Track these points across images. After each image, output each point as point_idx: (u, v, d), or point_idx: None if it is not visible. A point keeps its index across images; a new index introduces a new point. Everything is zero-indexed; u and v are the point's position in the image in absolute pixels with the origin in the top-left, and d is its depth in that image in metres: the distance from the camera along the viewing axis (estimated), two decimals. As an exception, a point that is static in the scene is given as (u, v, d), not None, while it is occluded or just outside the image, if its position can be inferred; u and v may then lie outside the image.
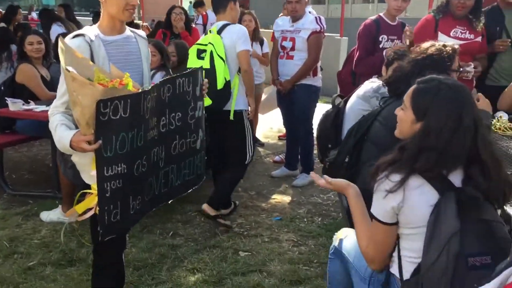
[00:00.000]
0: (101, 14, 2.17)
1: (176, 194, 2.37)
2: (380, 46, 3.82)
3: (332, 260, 2.15)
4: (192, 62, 3.53)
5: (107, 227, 1.92)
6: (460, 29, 3.61)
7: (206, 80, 2.37)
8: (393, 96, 2.54)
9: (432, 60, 2.38)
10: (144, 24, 12.94)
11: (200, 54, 3.52)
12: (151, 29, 8.27)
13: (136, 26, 10.57)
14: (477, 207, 1.58)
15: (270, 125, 6.70)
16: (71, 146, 1.93)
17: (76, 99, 1.82)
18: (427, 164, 1.58)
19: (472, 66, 3.38)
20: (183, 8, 5.68)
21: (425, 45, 2.49)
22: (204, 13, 6.16)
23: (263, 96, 5.65)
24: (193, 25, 5.84)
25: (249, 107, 3.71)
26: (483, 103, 2.55)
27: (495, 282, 1.23)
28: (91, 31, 2.11)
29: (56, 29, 6.60)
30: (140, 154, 1.98)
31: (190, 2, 20.11)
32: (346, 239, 2.09)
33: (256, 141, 5.90)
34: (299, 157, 4.77)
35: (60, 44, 1.91)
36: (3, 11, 14.55)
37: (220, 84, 3.42)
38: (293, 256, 3.23)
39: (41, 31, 5.73)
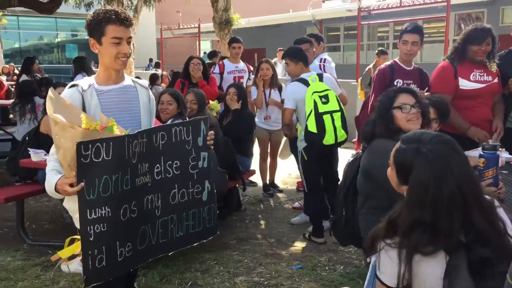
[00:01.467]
0: (83, 63, 2.28)
1: (179, 246, 2.31)
2: None
3: None
4: (322, 107, 3.97)
5: (91, 272, 1.90)
6: (478, 72, 3.64)
7: (212, 131, 2.37)
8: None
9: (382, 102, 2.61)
10: (164, 73, 13.32)
11: (321, 99, 3.97)
12: (170, 79, 8.50)
13: (156, 77, 10.87)
14: (490, 267, 1.46)
15: (288, 171, 6.68)
16: (56, 189, 1.98)
17: (59, 142, 1.88)
18: (422, 240, 1.47)
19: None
20: (200, 59, 5.83)
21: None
22: (221, 63, 6.30)
23: (282, 142, 5.70)
24: (211, 74, 5.96)
25: None
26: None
27: None
28: (85, 81, 2.20)
29: (79, 79, 6.81)
30: (127, 198, 1.97)
31: (205, 53, 20.71)
32: None
33: (275, 187, 5.90)
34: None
35: (49, 93, 1.98)
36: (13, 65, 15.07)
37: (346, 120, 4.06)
38: (315, 306, 3.13)
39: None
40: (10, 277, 3.53)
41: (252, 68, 6.34)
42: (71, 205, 2.13)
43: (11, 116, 6.50)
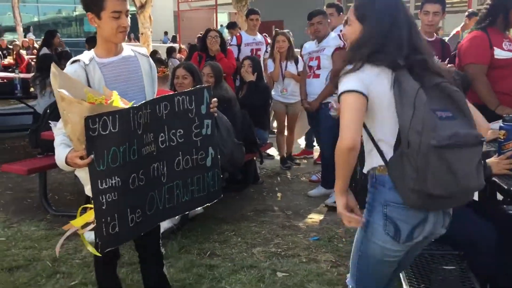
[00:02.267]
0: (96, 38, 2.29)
1: (185, 209, 2.42)
2: None
3: None
4: None
5: (105, 238, 1.97)
6: (506, 41, 3.52)
7: (215, 99, 2.39)
8: None
9: None
10: (183, 46, 13.29)
11: None
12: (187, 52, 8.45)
13: (173, 49, 10.84)
14: (426, 75, 1.77)
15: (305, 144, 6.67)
16: (66, 163, 2.04)
17: (67, 117, 1.92)
18: (374, 50, 1.77)
19: None
20: (218, 31, 5.79)
21: None
22: (238, 34, 6.25)
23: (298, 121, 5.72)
24: (228, 47, 5.94)
25: None
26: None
27: None
28: (86, 56, 2.22)
29: None
30: (134, 167, 2.04)
31: (221, 25, 20.53)
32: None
33: (292, 160, 5.92)
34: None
35: (52, 69, 2.00)
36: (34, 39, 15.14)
37: None
38: (331, 277, 3.17)
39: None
40: (34, 245, 3.64)
41: (269, 41, 6.28)
42: (83, 174, 2.21)
43: (31, 89, 6.57)
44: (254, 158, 4.96)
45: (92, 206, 1.98)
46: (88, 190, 2.25)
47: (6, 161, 5.52)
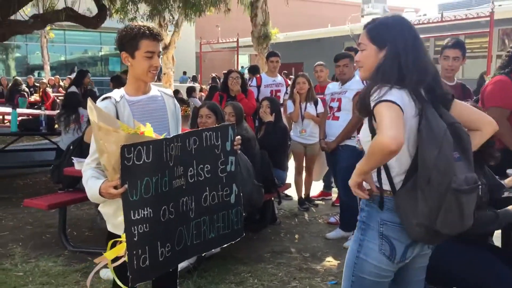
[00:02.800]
0: (126, 76, 2.39)
1: (211, 246, 2.40)
2: None
3: None
4: None
5: (136, 272, 1.96)
6: None
7: (238, 136, 2.43)
8: None
9: None
10: (204, 87, 13.54)
11: None
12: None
13: (193, 89, 11.05)
14: (444, 113, 1.82)
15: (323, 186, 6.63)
16: (100, 193, 2.06)
17: (103, 147, 1.95)
18: (408, 77, 1.76)
19: None
20: (239, 72, 5.91)
21: None
22: (258, 76, 6.37)
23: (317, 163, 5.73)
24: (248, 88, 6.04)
25: None
26: None
27: None
28: (117, 93, 2.30)
29: None
30: (165, 199, 2.05)
31: (242, 67, 20.95)
32: None
33: (310, 201, 5.88)
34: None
35: (89, 103, 2.07)
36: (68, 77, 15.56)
37: None
38: (350, 323, 3.08)
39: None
40: (51, 282, 3.64)
41: (289, 82, 6.37)
42: (107, 209, 2.25)
43: (56, 126, 6.74)
44: (272, 198, 4.95)
45: (122, 239, 1.98)
46: (110, 227, 2.29)
47: (28, 196, 5.62)
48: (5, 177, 7.04)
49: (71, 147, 4.75)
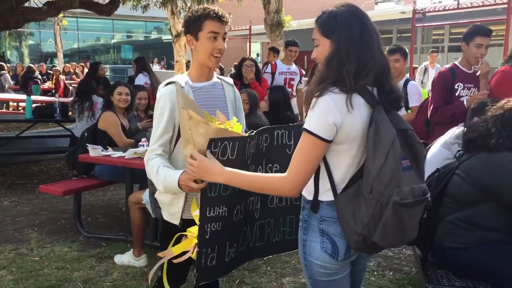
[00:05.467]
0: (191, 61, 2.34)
1: (272, 251, 2.29)
2: (456, 94, 3.73)
3: None
4: None
5: (203, 270, 1.90)
6: None
7: None
8: (471, 151, 2.49)
9: None
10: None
11: None
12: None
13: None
14: (397, 118, 1.73)
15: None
16: (179, 185, 1.99)
17: (189, 137, 1.88)
18: (352, 75, 1.64)
19: None
20: (253, 60, 5.88)
21: (501, 102, 2.49)
22: (274, 62, 6.33)
23: None
24: (262, 75, 6.01)
25: None
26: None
27: None
28: (181, 78, 2.24)
29: (141, 78, 7.05)
30: (239, 199, 1.98)
31: (258, 55, 20.82)
32: None
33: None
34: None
35: (177, 90, 2.07)
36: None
37: None
38: (363, 311, 3.08)
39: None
40: (67, 266, 3.69)
41: (304, 72, 6.33)
42: (164, 198, 2.21)
43: (70, 113, 6.78)
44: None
45: (189, 234, 1.95)
46: (166, 215, 2.24)
47: (42, 182, 5.69)
48: (20, 163, 7.12)
49: (86, 134, 4.78)
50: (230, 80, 2.45)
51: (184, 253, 1.98)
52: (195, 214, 1.93)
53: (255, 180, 1.75)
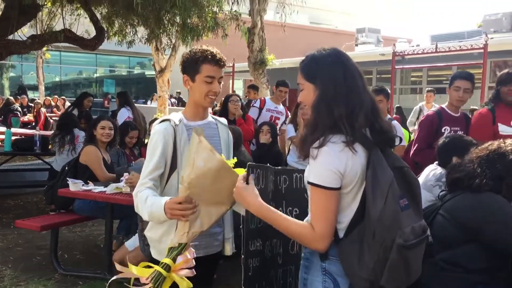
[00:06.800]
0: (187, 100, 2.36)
1: None
2: None
3: None
4: None
5: None
6: None
7: None
8: (454, 191, 2.50)
9: (497, 153, 2.38)
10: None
11: None
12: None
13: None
14: (392, 156, 1.73)
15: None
16: (164, 209, 1.94)
17: (191, 160, 1.86)
18: (345, 119, 1.65)
19: None
20: (238, 96, 5.94)
21: (484, 145, 2.51)
22: (263, 98, 6.41)
23: None
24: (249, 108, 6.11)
25: None
26: None
27: None
28: (176, 116, 2.26)
29: (124, 112, 7.03)
30: (268, 234, 1.93)
31: (234, 91, 21.11)
32: None
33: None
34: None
35: (197, 136, 2.00)
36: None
37: None
38: None
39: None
40: (41, 305, 3.55)
41: (289, 114, 6.41)
42: (153, 234, 2.17)
43: (50, 146, 6.68)
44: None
45: (155, 267, 1.84)
46: (155, 253, 2.19)
47: (19, 216, 5.53)
48: (-4, 197, 6.94)
49: (66, 168, 4.69)
50: (224, 121, 2.46)
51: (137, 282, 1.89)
52: (162, 247, 1.91)
53: (284, 221, 1.72)
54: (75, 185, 4.10)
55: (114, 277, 1.93)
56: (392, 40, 19.92)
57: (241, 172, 1.89)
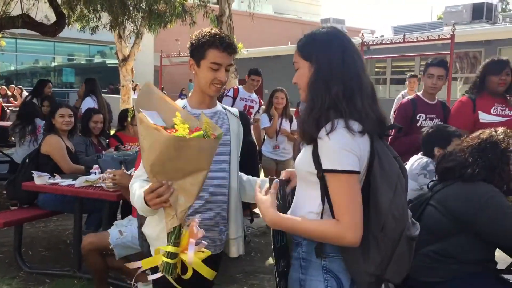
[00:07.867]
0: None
1: None
2: (418, 124, 3.75)
3: None
4: None
5: None
6: (499, 106, 3.60)
7: None
8: (445, 181, 2.45)
9: (489, 142, 2.34)
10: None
11: None
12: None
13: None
14: (386, 145, 1.66)
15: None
16: (145, 201, 1.77)
17: (142, 143, 1.71)
18: (342, 99, 1.56)
19: None
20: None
21: (475, 133, 2.46)
22: (236, 87, 6.25)
23: None
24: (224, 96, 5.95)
25: None
26: None
27: None
28: (180, 103, 2.08)
29: (89, 101, 6.63)
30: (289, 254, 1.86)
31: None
32: None
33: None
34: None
35: (144, 86, 1.87)
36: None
37: None
38: None
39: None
40: (5, 307, 3.32)
41: (262, 102, 6.31)
42: (150, 231, 2.01)
43: (9, 138, 6.32)
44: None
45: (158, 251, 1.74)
46: (153, 251, 1.99)
47: (-23, 212, 5.20)
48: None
49: (27, 160, 4.42)
50: (236, 111, 2.28)
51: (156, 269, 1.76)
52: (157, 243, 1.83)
53: (300, 224, 1.57)
54: (40, 178, 3.85)
55: (151, 278, 1.80)
56: (356, 31, 20.06)
57: (207, 134, 1.74)
